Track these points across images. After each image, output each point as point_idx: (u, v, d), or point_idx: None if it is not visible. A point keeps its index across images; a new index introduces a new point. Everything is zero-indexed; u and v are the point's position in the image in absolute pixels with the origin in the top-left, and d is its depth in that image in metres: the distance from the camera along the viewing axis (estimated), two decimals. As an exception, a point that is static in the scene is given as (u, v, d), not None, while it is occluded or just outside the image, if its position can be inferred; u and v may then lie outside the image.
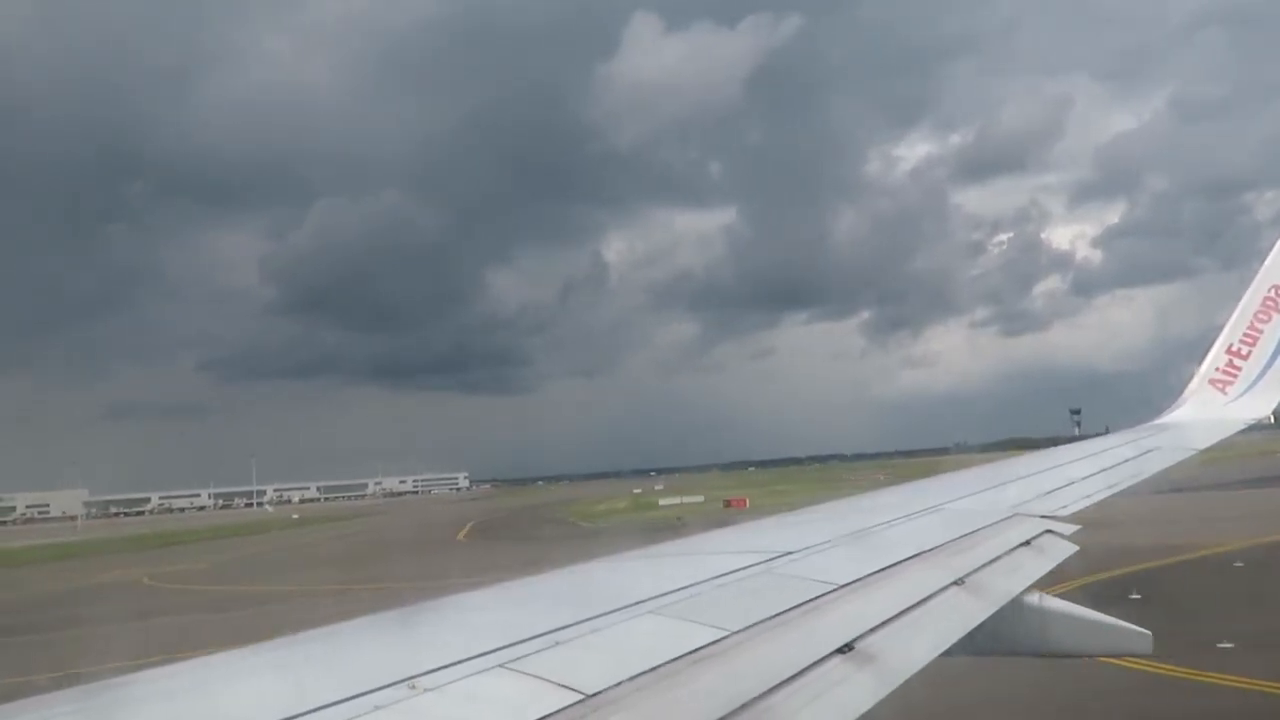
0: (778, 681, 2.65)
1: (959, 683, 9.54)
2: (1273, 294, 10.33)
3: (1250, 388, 10.14)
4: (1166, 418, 10.33)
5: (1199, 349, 10.86)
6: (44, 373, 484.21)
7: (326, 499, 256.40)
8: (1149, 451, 8.26)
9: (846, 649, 3.00)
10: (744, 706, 2.48)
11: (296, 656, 3.01)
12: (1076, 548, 4.95)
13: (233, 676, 2.78)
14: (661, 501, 75.89)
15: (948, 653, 3.68)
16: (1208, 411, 10.17)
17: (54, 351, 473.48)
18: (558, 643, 2.78)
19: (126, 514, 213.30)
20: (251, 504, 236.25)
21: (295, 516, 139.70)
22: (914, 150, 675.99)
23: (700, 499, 75.76)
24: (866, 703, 2.73)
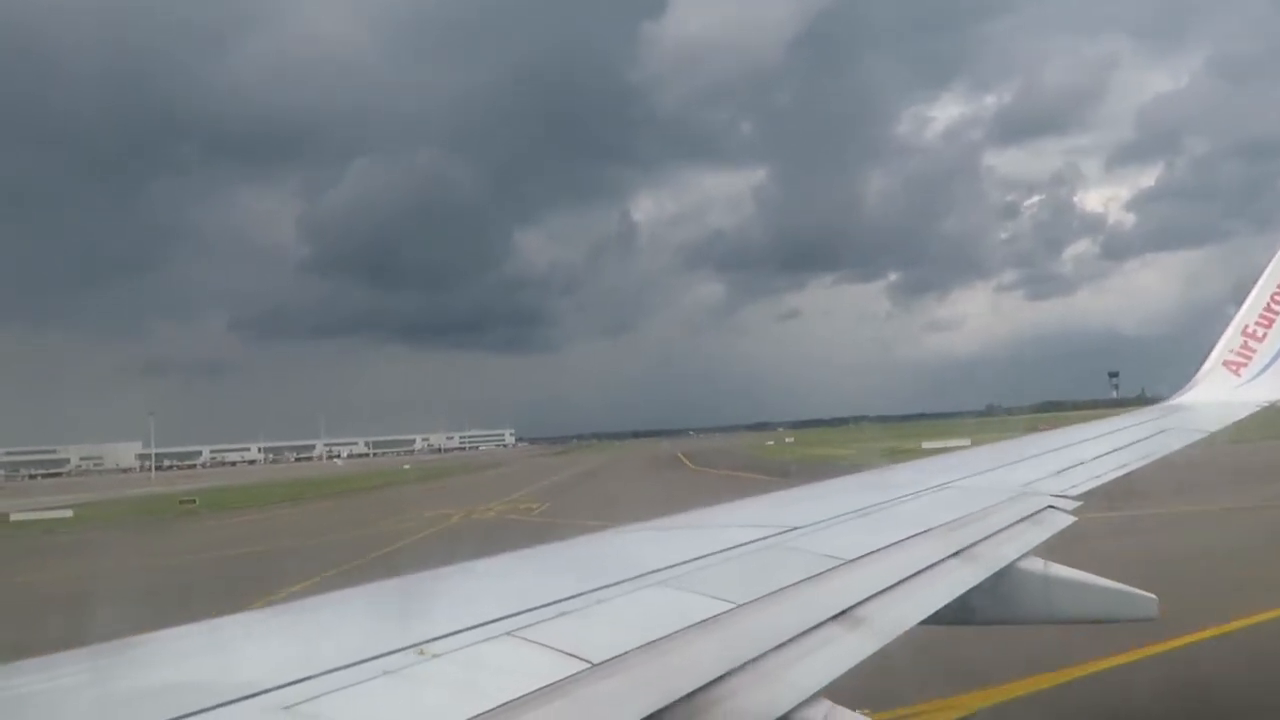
0: (773, 645, 2.70)
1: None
2: None
3: (1264, 370, 10.08)
4: (1180, 398, 10.28)
5: (1229, 314, 10.71)
6: (77, 328, 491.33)
7: (375, 454, 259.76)
8: (1161, 433, 8.22)
9: (842, 615, 3.06)
10: (740, 668, 2.52)
11: (306, 620, 3.07)
12: (1075, 519, 4.99)
13: (242, 639, 2.83)
14: (925, 444, 64.63)
15: (954, 622, 3.78)
16: (1221, 393, 10.14)
17: (89, 308, 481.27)
18: (565, 612, 2.81)
19: (179, 467, 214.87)
20: (311, 458, 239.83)
21: (406, 467, 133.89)
22: (947, 111, 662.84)
23: (967, 441, 69.53)
24: (855, 659, 2.79)
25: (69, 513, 62.51)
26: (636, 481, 58.66)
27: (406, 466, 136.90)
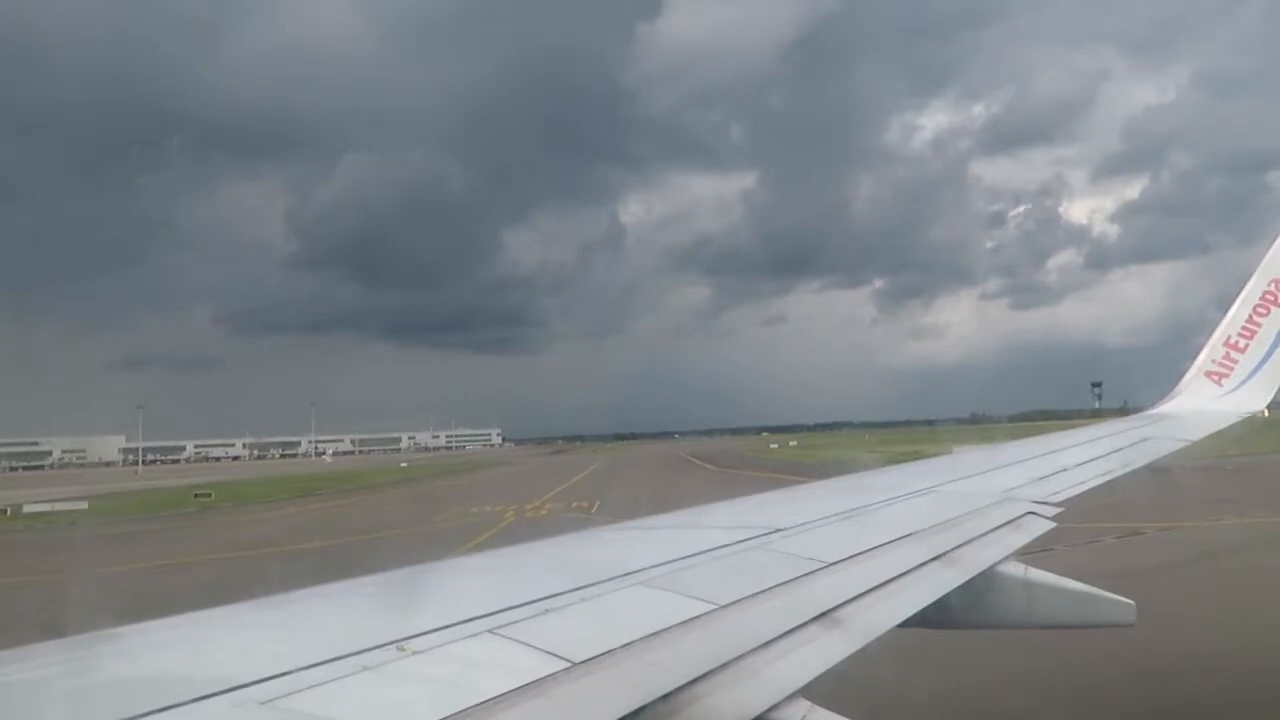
0: (754, 646, 2.73)
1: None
2: (1272, 288, 10.31)
3: (1246, 381, 10.19)
4: (1162, 407, 10.40)
5: (1211, 326, 10.81)
6: (61, 321, 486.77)
7: (362, 452, 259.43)
8: (1142, 441, 8.30)
9: (822, 616, 3.11)
10: (720, 668, 2.55)
11: (285, 616, 3.04)
12: (1054, 524, 5.06)
13: (222, 633, 2.81)
14: (955, 449, 65.99)
15: (934, 625, 3.81)
16: (1202, 403, 10.23)
17: (73, 301, 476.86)
18: (547, 610, 2.82)
19: (163, 462, 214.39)
20: (296, 454, 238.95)
21: (404, 464, 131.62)
22: (935, 119, 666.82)
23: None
24: (834, 659, 2.83)
25: (84, 504, 61.48)
26: (669, 481, 57.30)
27: (404, 464, 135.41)
